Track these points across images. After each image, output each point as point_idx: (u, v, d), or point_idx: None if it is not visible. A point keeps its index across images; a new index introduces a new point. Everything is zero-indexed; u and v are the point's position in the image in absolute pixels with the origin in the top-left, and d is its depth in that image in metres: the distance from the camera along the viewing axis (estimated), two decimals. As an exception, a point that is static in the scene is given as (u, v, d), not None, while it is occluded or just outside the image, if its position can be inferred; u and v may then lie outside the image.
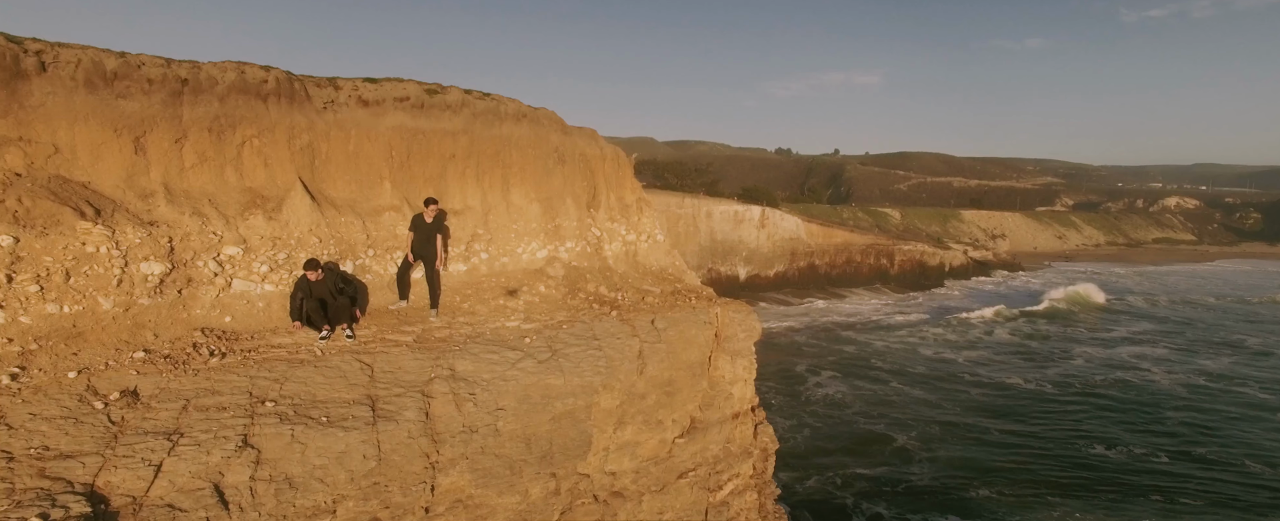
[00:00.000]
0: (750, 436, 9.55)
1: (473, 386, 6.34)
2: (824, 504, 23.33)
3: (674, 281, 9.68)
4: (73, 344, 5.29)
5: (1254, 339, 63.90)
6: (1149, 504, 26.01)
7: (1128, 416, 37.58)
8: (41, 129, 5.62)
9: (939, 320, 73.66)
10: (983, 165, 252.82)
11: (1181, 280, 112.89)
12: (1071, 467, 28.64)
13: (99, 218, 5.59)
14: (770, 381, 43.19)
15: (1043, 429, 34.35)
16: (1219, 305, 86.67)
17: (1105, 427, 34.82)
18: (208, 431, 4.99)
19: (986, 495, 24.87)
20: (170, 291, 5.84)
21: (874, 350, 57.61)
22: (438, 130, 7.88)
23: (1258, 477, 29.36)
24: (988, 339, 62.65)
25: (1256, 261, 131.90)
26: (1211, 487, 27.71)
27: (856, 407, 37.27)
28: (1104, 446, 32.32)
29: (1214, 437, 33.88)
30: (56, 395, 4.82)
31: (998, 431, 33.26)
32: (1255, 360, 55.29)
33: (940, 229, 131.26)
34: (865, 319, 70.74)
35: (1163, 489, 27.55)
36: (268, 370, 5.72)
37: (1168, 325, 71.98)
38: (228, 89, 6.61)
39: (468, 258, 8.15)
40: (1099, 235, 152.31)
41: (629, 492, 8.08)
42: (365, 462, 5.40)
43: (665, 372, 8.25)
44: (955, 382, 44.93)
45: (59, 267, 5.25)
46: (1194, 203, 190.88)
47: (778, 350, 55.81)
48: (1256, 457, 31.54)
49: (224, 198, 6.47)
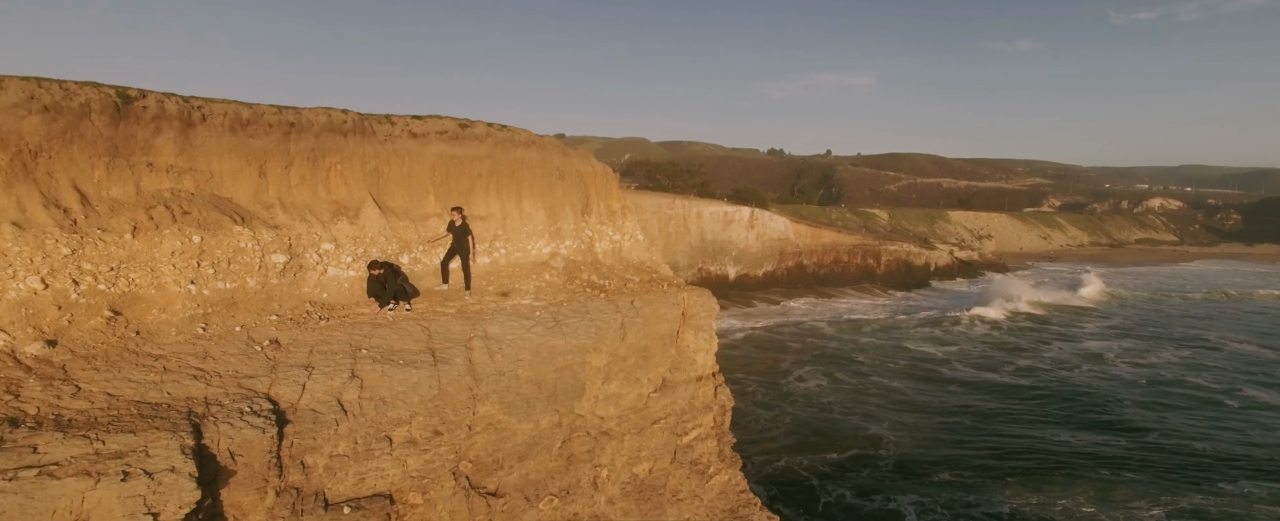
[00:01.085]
0: (711, 395, 12.11)
1: (500, 344, 8.87)
2: (791, 483, 25.45)
3: (650, 272, 12.22)
4: (231, 310, 7.79)
5: (1212, 333, 67.18)
6: (1095, 479, 28.70)
7: (1091, 405, 40.47)
8: (202, 161, 8.10)
9: (923, 318, 76.50)
10: (973, 166, 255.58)
11: (1159, 279, 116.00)
12: (1030, 452, 31.28)
13: (243, 223, 8.09)
14: (754, 376, 45.59)
15: (1009, 418, 37.06)
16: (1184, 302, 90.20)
17: (1068, 416, 37.64)
18: (328, 366, 7.49)
19: (945, 478, 27.33)
20: (289, 274, 8.34)
21: (858, 346, 60.09)
22: (468, 155, 10.39)
23: (1199, 454, 32.22)
24: (968, 336, 65.48)
25: (1233, 262, 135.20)
26: (1156, 464, 30.50)
27: (835, 400, 39.69)
28: (1067, 433, 35.11)
29: (1165, 423, 36.84)
30: (232, 341, 7.32)
31: (967, 421, 35.83)
32: (1209, 353, 58.70)
33: (927, 229, 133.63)
34: (851, 317, 73.26)
35: (1111, 467, 30.29)
36: (359, 329, 8.22)
37: (1134, 321, 75.22)
38: (320, 128, 9.11)
39: (490, 252, 10.67)
40: (1083, 235, 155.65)
41: (614, 432, 10.62)
42: (430, 390, 7.91)
43: (642, 341, 10.79)
44: (933, 377, 47.61)
45: (224, 258, 7.74)
46: (1177, 204, 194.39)
47: (763, 346, 58.16)
48: (1203, 439, 34.48)
49: (319, 208, 8.97)
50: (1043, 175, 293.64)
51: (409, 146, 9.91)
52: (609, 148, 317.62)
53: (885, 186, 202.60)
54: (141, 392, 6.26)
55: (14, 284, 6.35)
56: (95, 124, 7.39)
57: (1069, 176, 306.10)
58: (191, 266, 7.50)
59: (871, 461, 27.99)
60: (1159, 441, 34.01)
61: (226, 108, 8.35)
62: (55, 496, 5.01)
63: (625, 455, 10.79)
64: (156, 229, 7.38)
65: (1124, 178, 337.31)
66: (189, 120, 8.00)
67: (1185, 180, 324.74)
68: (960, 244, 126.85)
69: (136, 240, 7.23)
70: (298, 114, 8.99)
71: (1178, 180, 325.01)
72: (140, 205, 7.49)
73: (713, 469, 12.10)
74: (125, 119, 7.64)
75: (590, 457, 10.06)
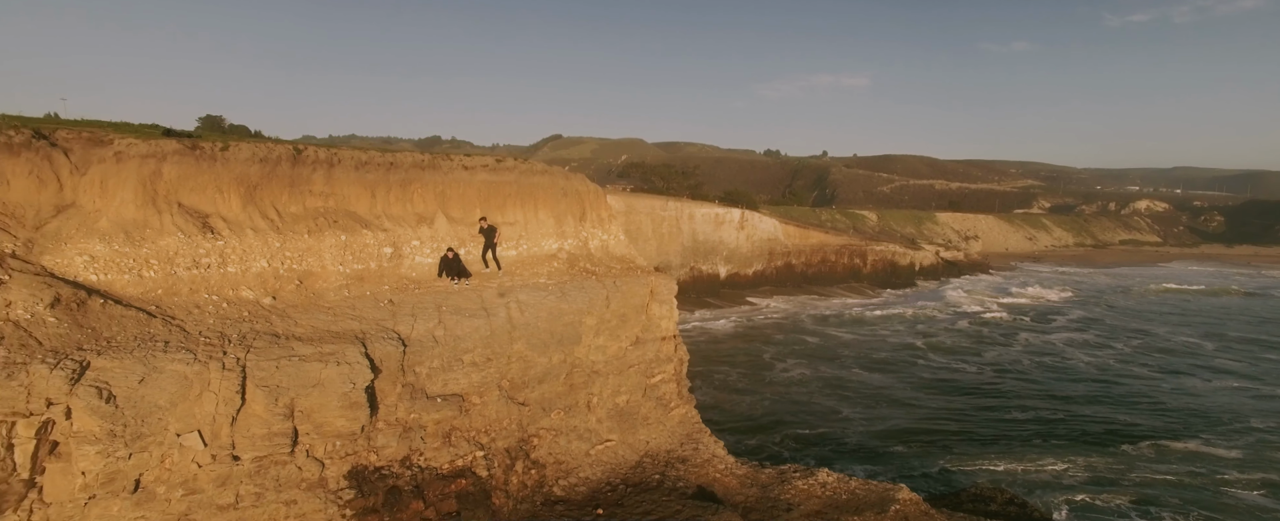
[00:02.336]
0: (672, 350, 16.91)
1: (526, 306, 13.67)
2: (760, 453, 29.76)
3: (628, 262, 17.01)
4: (361, 282, 12.57)
5: (1161, 325, 72.52)
6: (1027, 444, 33.86)
7: (1044, 388, 45.96)
8: (339, 189, 12.90)
9: (903, 315, 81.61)
10: (965, 168, 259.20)
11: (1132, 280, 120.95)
12: (980, 426, 36.46)
13: (366, 228, 12.89)
14: (739, 368, 50.16)
15: (970, 401, 42.32)
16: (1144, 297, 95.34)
17: (1022, 397, 43.04)
18: (425, 315, 12.27)
19: (900, 450, 32.12)
20: (393, 260, 13.14)
21: (840, 341, 65.03)
22: (502, 181, 15.19)
23: (1121, 424, 37.63)
24: (946, 330, 70.56)
25: (1211, 262, 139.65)
26: (1083, 432, 35.76)
27: (814, 387, 44.47)
28: (1017, 411, 40.44)
29: (1105, 401, 42.33)
30: (366, 300, 12.11)
31: (933, 404, 40.88)
32: (1156, 343, 64.22)
33: (915, 230, 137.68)
34: (836, 314, 77.94)
35: (1044, 435, 35.54)
36: (439, 295, 13.01)
37: (1097, 315, 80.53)
38: (408, 165, 13.91)
39: (516, 247, 15.47)
40: (1068, 237, 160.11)
41: (602, 371, 15.42)
42: (484, 333, 12.70)
43: (621, 309, 15.58)
44: (909, 367, 52.75)
45: (356, 249, 12.54)
46: (1163, 206, 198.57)
47: (750, 341, 62.89)
48: (1132, 411, 39.93)
49: (408, 218, 13.77)
50: (1036, 177, 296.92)
51: (463, 175, 14.72)
52: (605, 149, 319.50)
53: (878, 188, 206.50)
54: (327, 325, 11.06)
55: (255, 263, 11.16)
56: (282, 168, 12.20)
57: (1062, 178, 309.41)
58: (340, 254, 12.30)
59: (837, 438, 32.29)
60: (1084, 413, 39.39)
61: (351, 154, 13.15)
62: (308, 371, 9.82)
63: (610, 388, 15.60)
64: (320, 232, 12.18)
65: (1117, 179, 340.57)
66: (331, 163, 12.81)
67: (1178, 182, 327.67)
68: (947, 244, 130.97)
69: (310, 238, 12.03)
70: (395, 155, 13.81)
71: (1170, 182, 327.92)
72: (308, 217, 12.30)
73: (673, 404, 16.92)
74: (297, 163, 12.45)
75: (585, 386, 14.87)
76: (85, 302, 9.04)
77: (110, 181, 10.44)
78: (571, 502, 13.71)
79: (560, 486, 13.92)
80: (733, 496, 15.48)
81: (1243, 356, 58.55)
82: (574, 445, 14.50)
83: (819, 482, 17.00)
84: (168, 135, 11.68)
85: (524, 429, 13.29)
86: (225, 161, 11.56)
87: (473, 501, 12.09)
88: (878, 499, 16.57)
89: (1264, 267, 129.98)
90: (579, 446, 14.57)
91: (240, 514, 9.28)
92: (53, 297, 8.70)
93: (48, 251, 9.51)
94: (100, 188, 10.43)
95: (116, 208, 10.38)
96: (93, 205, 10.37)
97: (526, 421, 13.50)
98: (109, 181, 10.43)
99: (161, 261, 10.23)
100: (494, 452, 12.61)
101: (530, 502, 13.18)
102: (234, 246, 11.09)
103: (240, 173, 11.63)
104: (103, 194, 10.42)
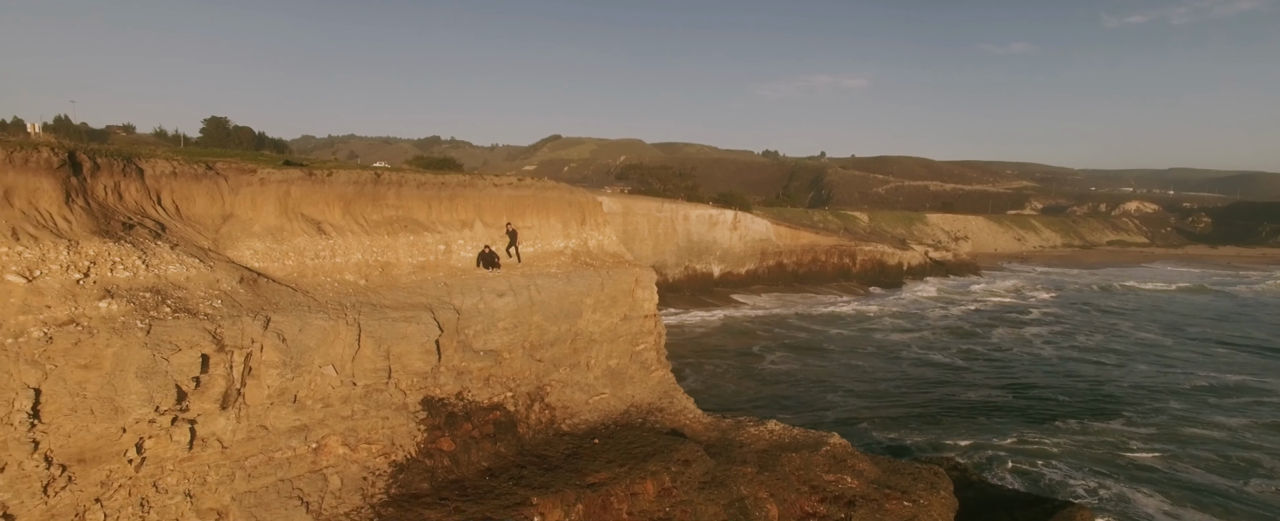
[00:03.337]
0: (652, 326, 21.69)
1: (541, 288, 18.47)
2: None
3: (619, 258, 21.83)
4: (423, 270, 17.38)
5: (1127, 322, 77.40)
6: (974, 421, 39.05)
7: (1004, 375, 51.29)
8: (406, 202, 17.72)
9: (889, 311, 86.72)
10: (961, 169, 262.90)
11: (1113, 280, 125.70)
12: (940, 406, 41.65)
13: (425, 231, 17.71)
14: (729, 359, 55.13)
15: (937, 386, 47.55)
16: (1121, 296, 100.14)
17: (986, 383, 48.34)
18: (470, 293, 17.07)
19: (865, 425, 37.15)
20: (445, 255, 17.96)
21: (827, 336, 70.24)
22: (523, 195, 20.00)
23: (1059, 405, 42.86)
24: (928, 326, 75.77)
25: (1195, 263, 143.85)
26: (1024, 411, 40.91)
27: (800, 376, 49.46)
28: (973, 393, 45.63)
29: (1053, 386, 47.52)
30: (428, 283, 16.92)
31: (906, 388, 46.00)
32: (1118, 337, 69.36)
33: (905, 231, 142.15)
34: (823, 310, 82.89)
35: (991, 414, 40.76)
36: (479, 279, 17.81)
37: (1071, 312, 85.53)
38: (454, 185, 18.70)
39: (533, 245, 20.26)
40: (1056, 237, 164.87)
41: (598, 340, 20.22)
42: (512, 307, 17.50)
43: (612, 292, 20.37)
44: (891, 358, 58.02)
45: (419, 247, 17.33)
46: (1153, 207, 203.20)
47: (741, 336, 68.00)
48: (1072, 395, 45.28)
49: (454, 223, 18.58)
50: (1032, 178, 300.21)
51: (494, 190, 19.53)
52: (604, 149, 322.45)
53: (874, 189, 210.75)
54: (405, 299, 15.86)
55: (353, 256, 15.96)
56: (367, 187, 17.02)
57: (1059, 179, 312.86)
58: (409, 250, 17.10)
59: (819, 420, 37.08)
60: (1031, 396, 44.65)
61: (414, 176, 17.97)
62: (399, 328, 14.63)
63: (603, 353, 20.40)
64: (394, 233, 17.00)
65: (1113, 180, 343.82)
66: (400, 184, 17.63)
67: (1174, 183, 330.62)
68: (936, 245, 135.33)
69: (388, 238, 16.85)
70: (444, 176, 18.62)
71: (1167, 183, 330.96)
72: (386, 223, 17.11)
73: (654, 367, 21.74)
74: (377, 185, 17.26)
75: (585, 351, 19.67)
76: (257, 281, 13.84)
77: (258, 199, 15.25)
78: (575, 435, 18.53)
79: (566, 424, 18.75)
80: (698, 436, 20.29)
81: (1194, 350, 63.81)
82: (576, 395, 19.32)
83: (768, 430, 21.82)
84: (287, 165, 16.48)
85: (540, 379, 18.11)
86: (330, 183, 16.37)
87: (504, 428, 16.90)
88: (813, 441, 21.37)
89: (1242, 268, 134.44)
90: (580, 396, 19.40)
91: (355, 422, 14.08)
92: (239, 277, 13.50)
93: (227, 247, 14.31)
94: (251, 203, 15.24)
95: (263, 217, 15.19)
96: (246, 215, 15.17)
97: (542, 374, 18.32)
98: (257, 199, 15.24)
99: (295, 254, 15.04)
100: (519, 395, 17.43)
101: (545, 434, 18.00)
102: (339, 244, 15.90)
103: (340, 191, 16.44)
104: (253, 207, 15.23)
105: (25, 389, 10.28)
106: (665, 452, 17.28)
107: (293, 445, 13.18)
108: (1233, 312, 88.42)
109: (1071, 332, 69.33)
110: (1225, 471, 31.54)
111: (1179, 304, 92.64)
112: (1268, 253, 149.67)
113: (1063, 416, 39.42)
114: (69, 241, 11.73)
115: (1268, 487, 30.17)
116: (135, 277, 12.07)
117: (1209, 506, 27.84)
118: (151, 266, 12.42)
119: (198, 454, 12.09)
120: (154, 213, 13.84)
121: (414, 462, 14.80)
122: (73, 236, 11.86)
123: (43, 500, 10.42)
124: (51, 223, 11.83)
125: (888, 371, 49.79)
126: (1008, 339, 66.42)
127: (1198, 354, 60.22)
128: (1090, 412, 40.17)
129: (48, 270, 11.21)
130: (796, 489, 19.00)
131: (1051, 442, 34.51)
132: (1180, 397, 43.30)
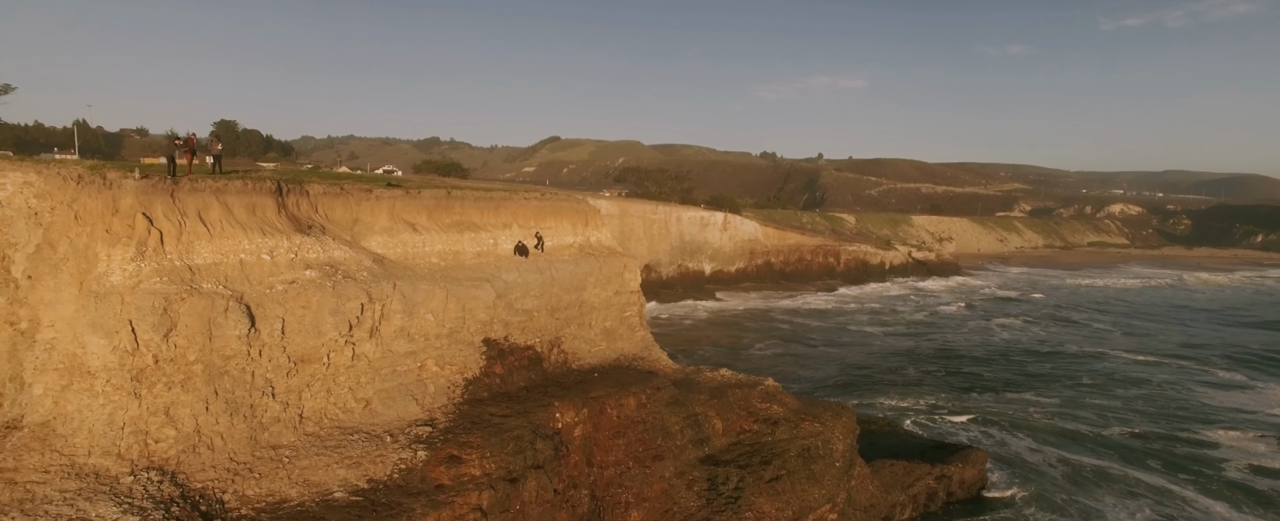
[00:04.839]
0: (636, 299, 29.90)
1: (558, 269, 26.72)
2: None
3: (613, 251, 30.06)
4: (479, 257, 25.61)
5: (1084, 315, 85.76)
6: (907, 389, 47.72)
7: (955, 357, 59.87)
8: (465, 210, 25.99)
9: (867, 307, 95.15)
10: (954, 171, 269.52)
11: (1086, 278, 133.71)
12: (889, 379, 50.29)
13: (479, 230, 25.97)
14: (720, 347, 63.43)
15: (891, 364, 56.14)
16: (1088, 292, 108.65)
17: (947, 364, 56.99)
18: (510, 271, 25.31)
19: (820, 393, 45.39)
20: (493, 247, 26.22)
21: (811, 328, 78.85)
22: (545, 205, 28.24)
23: (986, 379, 51.44)
24: (903, 319, 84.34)
25: (1170, 264, 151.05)
26: (954, 383, 49.50)
27: (783, 362, 57.86)
28: (919, 370, 54.33)
29: (993, 365, 56.16)
30: (484, 265, 25.13)
31: (874, 369, 54.51)
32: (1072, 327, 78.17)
33: (891, 232, 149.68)
34: (807, 306, 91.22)
35: (923, 384, 49.54)
36: (516, 263, 26.03)
37: (1037, 306, 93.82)
38: (499, 197, 26.94)
39: (551, 240, 28.50)
40: (1038, 239, 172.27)
41: (597, 307, 28.45)
42: (540, 281, 25.74)
43: (607, 274, 28.58)
44: (867, 347, 66.75)
45: (476, 241, 25.57)
46: (1136, 209, 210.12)
47: (729, 328, 76.64)
48: (1006, 372, 54.11)
49: (498, 225, 26.85)
50: (1026, 180, 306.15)
51: (524, 201, 27.76)
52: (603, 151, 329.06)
53: (866, 191, 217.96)
54: (471, 274, 24.09)
55: (435, 247, 24.21)
56: (442, 200, 25.27)
57: (1052, 181, 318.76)
58: (470, 243, 25.34)
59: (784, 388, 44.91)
60: (966, 371, 53.32)
61: (471, 191, 26.22)
62: (470, 291, 22.88)
63: (601, 317, 28.60)
64: (460, 232, 25.25)
65: (1107, 183, 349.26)
66: (463, 198, 25.87)
67: (1167, 185, 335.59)
68: (920, 245, 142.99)
69: (456, 235, 25.08)
70: (491, 187, 26.85)
71: (1160, 185, 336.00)
72: (454, 225, 25.36)
73: (637, 329, 29.96)
74: (448, 199, 25.51)
75: (589, 314, 27.87)
76: (383, 261, 22.09)
77: (376, 209, 23.51)
78: (581, 371, 26.76)
79: (575, 364, 26.99)
80: (669, 376, 28.50)
81: (1136, 337, 72.24)
82: (582, 345, 27.55)
83: (720, 374, 30.05)
84: (389, 186, 24.72)
85: (557, 332, 26.34)
86: (419, 198, 24.63)
87: (534, 362, 25.13)
88: (752, 382, 29.56)
89: (1213, 268, 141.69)
90: (584, 346, 27.63)
91: (443, 351, 22.32)
92: (374, 258, 21.75)
93: (360, 240, 22.56)
94: (371, 211, 23.49)
95: (379, 221, 23.44)
96: (368, 219, 23.42)
97: (558, 328, 26.54)
98: (376, 209, 23.50)
99: (401, 245, 23.30)
100: (544, 341, 25.66)
101: (560, 369, 26.22)
102: (426, 238, 24.15)
103: (425, 204, 24.70)
104: (372, 214, 23.47)
105: (277, 318, 18.55)
106: (643, 382, 25.52)
107: (407, 363, 21.44)
108: (1185, 305, 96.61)
109: (1032, 323, 77.40)
110: (1095, 424, 39.75)
111: (1142, 299, 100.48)
112: (1239, 253, 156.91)
113: (983, 388, 47.66)
114: (284, 235, 20.02)
115: (1123, 431, 38.39)
116: (319, 257, 20.37)
117: (1065, 446, 36.06)
118: (325, 250, 20.72)
119: (356, 364, 20.36)
120: (317, 218, 22.12)
121: (478, 380, 23.06)
122: (285, 232, 20.15)
123: (285, 378, 18.68)
124: (274, 224, 20.10)
125: (852, 355, 58.01)
126: (974, 329, 74.60)
127: (1136, 340, 68.22)
128: (1009, 386, 48.38)
129: (278, 251, 19.51)
130: (737, 411, 27.24)
131: (968, 406, 42.79)
132: (1094, 375, 51.44)
